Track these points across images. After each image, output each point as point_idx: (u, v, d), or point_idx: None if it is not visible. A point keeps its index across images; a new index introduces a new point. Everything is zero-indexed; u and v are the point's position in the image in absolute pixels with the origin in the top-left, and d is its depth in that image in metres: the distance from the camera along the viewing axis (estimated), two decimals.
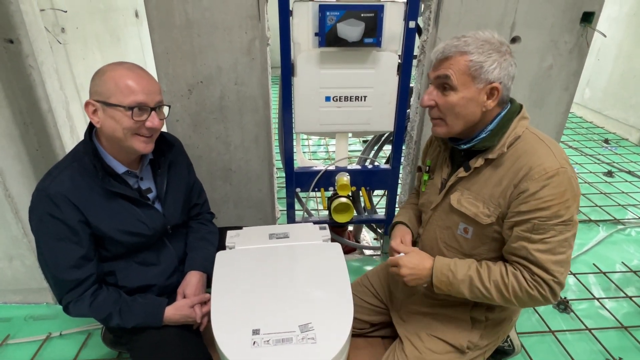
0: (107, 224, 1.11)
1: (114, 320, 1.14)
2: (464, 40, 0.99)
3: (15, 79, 1.51)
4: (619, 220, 2.54)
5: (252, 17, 1.50)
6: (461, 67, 0.98)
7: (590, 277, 2.06)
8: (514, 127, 1.04)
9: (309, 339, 0.99)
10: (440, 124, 1.08)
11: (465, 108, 1.01)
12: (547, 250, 0.98)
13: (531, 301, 1.02)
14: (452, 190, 1.14)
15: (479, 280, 1.05)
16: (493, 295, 1.04)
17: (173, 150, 1.29)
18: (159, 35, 1.51)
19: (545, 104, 1.77)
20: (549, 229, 0.97)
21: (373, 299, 1.44)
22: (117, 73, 1.04)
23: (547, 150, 1.00)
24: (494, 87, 0.99)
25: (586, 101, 4.55)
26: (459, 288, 1.08)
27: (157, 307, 1.18)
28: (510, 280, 1.02)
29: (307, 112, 1.66)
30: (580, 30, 1.62)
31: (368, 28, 1.46)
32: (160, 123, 1.11)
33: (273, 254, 1.31)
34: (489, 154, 1.04)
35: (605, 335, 1.71)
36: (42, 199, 1.05)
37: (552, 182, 0.95)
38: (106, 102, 1.03)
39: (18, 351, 1.61)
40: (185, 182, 1.35)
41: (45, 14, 1.87)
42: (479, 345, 1.22)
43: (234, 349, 0.97)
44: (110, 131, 1.06)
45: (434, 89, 1.06)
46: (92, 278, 1.13)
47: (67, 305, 1.13)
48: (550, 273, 0.98)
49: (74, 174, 1.08)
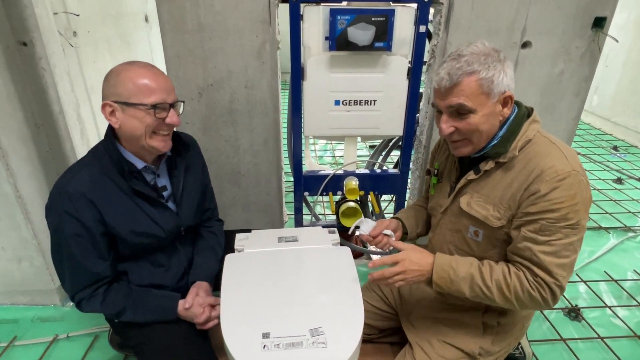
0: (122, 224, 1.12)
1: (127, 315, 1.15)
2: (464, 61, 0.96)
3: (28, 81, 1.53)
4: (629, 227, 2.51)
5: (263, 21, 1.51)
6: (473, 89, 0.97)
7: (601, 285, 2.03)
8: (524, 130, 1.03)
9: (319, 343, 0.98)
10: (465, 144, 1.06)
11: (488, 124, 1.01)
12: (552, 253, 0.97)
13: (531, 303, 1.01)
14: (461, 193, 1.14)
15: (481, 278, 1.03)
16: (494, 294, 1.02)
17: (190, 151, 1.30)
18: (170, 39, 1.52)
19: (556, 110, 1.76)
20: (556, 231, 0.96)
21: (382, 304, 1.43)
22: (133, 73, 1.04)
23: (560, 153, 0.99)
24: (507, 96, 1.00)
25: (594, 108, 4.52)
26: (459, 286, 1.05)
27: (171, 301, 1.19)
28: (512, 280, 1.01)
29: (316, 116, 1.66)
30: (592, 36, 1.61)
31: (378, 32, 1.46)
32: (179, 119, 1.13)
33: (282, 257, 1.30)
34: (500, 158, 1.04)
35: (618, 344, 1.67)
36: (60, 196, 1.06)
37: (563, 184, 0.94)
38: (127, 103, 1.04)
39: (25, 353, 1.60)
40: (200, 183, 1.36)
41: (58, 17, 1.89)
42: (491, 351, 1.20)
43: (244, 353, 0.96)
44: (131, 131, 1.07)
45: (448, 117, 1.03)
46: (108, 278, 1.14)
47: (79, 302, 1.14)
48: (553, 276, 0.98)
49: (93, 172, 1.09)
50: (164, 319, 1.18)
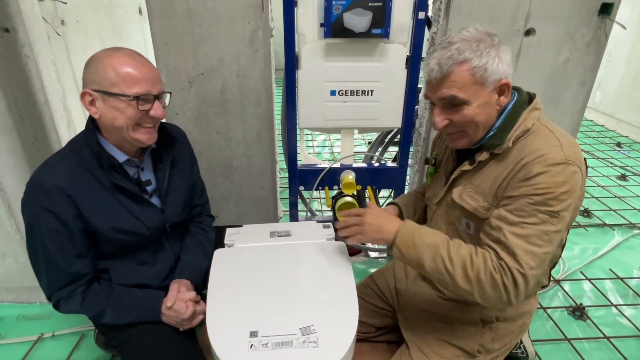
0: (101, 220, 1.05)
1: (108, 316, 1.08)
2: (455, 49, 0.89)
3: (10, 70, 1.47)
4: (634, 224, 2.45)
5: (256, 7, 1.45)
6: (465, 79, 0.90)
7: (606, 283, 1.96)
8: (523, 119, 0.96)
9: (310, 343, 0.92)
10: (460, 136, 1.00)
11: (484, 114, 0.95)
12: (521, 236, 0.88)
13: (493, 290, 0.90)
14: (455, 184, 1.08)
15: (447, 250, 0.94)
16: (455, 270, 0.92)
17: (176, 144, 1.22)
18: (159, 25, 1.46)
19: (561, 100, 1.69)
20: (532, 213, 0.88)
21: (379, 300, 1.37)
22: (116, 60, 0.98)
23: (556, 142, 0.91)
24: (504, 83, 0.93)
25: (597, 104, 4.46)
26: (421, 252, 0.95)
27: (154, 301, 1.12)
28: (477, 259, 0.92)
29: (311, 107, 1.59)
30: (599, 23, 1.55)
31: (376, 18, 1.40)
32: (164, 112, 1.07)
33: (274, 253, 1.24)
34: (496, 149, 0.98)
35: (625, 344, 1.61)
36: (36, 190, 0.99)
37: (551, 170, 0.87)
38: (108, 92, 0.97)
39: (9, 352, 1.55)
40: (188, 178, 1.29)
41: (44, 4, 1.84)
42: (490, 349, 1.14)
43: (230, 352, 0.90)
44: (112, 122, 1.01)
45: (441, 109, 0.97)
46: (87, 276, 1.08)
47: (57, 302, 1.07)
48: (518, 260, 0.88)
49: (72, 166, 1.02)
50: (148, 320, 1.11)
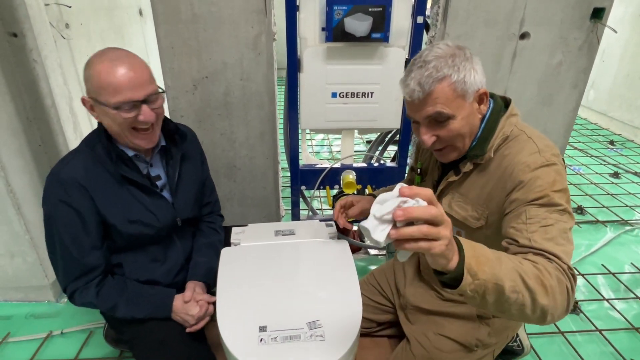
0: (115, 212, 1.10)
1: (121, 310, 1.12)
2: (432, 67, 0.91)
3: (19, 73, 1.50)
4: (626, 221, 2.51)
5: (259, 12, 1.49)
6: (448, 95, 0.92)
7: (599, 278, 2.02)
8: (501, 127, 0.99)
9: (317, 336, 0.96)
10: (449, 150, 1.01)
11: (468, 125, 0.97)
12: (550, 239, 0.85)
13: (561, 297, 0.76)
14: (443, 194, 1.11)
15: (511, 260, 0.77)
16: (534, 282, 0.74)
17: (186, 142, 1.25)
18: (164, 30, 1.49)
19: (554, 101, 1.75)
20: (544, 216, 0.87)
21: (380, 297, 1.42)
22: (100, 67, 0.97)
23: (534, 147, 0.95)
24: (482, 92, 0.96)
25: (591, 103, 4.52)
26: (498, 270, 0.72)
27: (165, 298, 1.17)
28: (540, 265, 0.78)
29: (313, 109, 1.64)
30: (591, 27, 1.60)
31: (376, 23, 1.44)
32: (154, 115, 1.05)
33: (279, 251, 1.28)
34: (478, 159, 1.01)
35: (616, 336, 1.67)
36: (53, 183, 1.04)
37: (537, 172, 0.90)
38: (96, 100, 1.00)
39: (18, 349, 1.58)
40: (198, 175, 1.33)
41: (50, 8, 1.86)
42: (488, 343, 1.19)
43: (241, 346, 0.95)
44: (108, 127, 1.06)
45: (427, 127, 0.97)
46: (101, 268, 1.12)
47: (72, 294, 1.12)
48: (564, 262, 0.81)
49: (86, 160, 1.07)
50: (159, 316, 1.16)
